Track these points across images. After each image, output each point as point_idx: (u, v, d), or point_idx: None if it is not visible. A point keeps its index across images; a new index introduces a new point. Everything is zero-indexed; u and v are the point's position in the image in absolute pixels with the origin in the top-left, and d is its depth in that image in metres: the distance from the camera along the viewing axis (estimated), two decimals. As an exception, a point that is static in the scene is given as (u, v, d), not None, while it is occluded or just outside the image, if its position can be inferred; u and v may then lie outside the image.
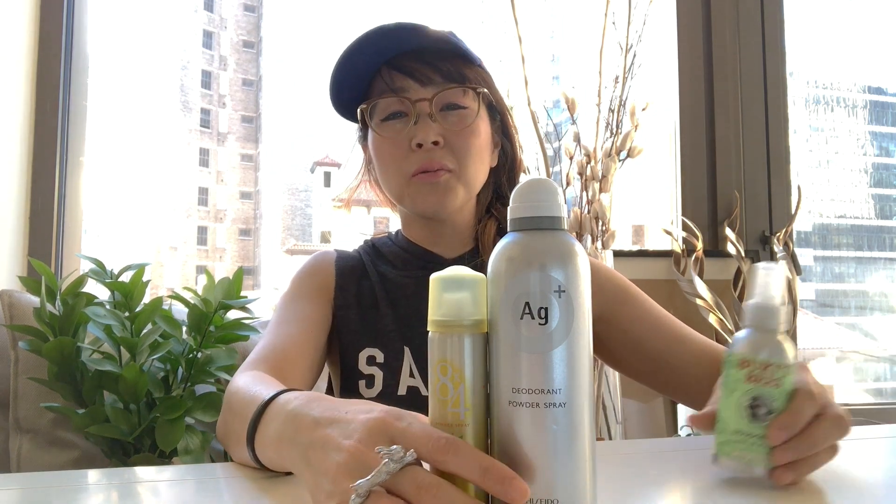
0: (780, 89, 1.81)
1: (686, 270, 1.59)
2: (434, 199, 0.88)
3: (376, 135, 0.91)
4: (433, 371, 0.45)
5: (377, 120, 0.90)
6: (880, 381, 2.16)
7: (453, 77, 0.88)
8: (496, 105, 0.95)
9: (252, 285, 6.43)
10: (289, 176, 6.90)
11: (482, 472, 0.40)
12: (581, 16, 1.82)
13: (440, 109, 0.88)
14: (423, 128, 0.86)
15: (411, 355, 0.87)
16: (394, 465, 0.40)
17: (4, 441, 1.12)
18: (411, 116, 0.88)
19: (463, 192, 0.90)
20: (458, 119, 0.89)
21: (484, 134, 0.91)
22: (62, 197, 1.65)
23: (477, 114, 0.89)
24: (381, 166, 0.92)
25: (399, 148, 0.88)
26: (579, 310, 0.43)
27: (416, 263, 0.95)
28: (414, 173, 0.88)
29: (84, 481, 0.61)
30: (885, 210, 2.17)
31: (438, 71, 0.88)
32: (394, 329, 0.90)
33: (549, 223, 0.45)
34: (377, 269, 0.96)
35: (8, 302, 1.13)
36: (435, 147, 0.87)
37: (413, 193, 0.89)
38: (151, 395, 1.03)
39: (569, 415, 0.42)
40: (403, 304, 0.92)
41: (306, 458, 0.48)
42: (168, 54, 6.40)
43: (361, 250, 1.00)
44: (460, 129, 0.88)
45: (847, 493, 0.55)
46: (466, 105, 0.89)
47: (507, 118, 0.98)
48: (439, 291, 0.46)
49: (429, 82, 0.88)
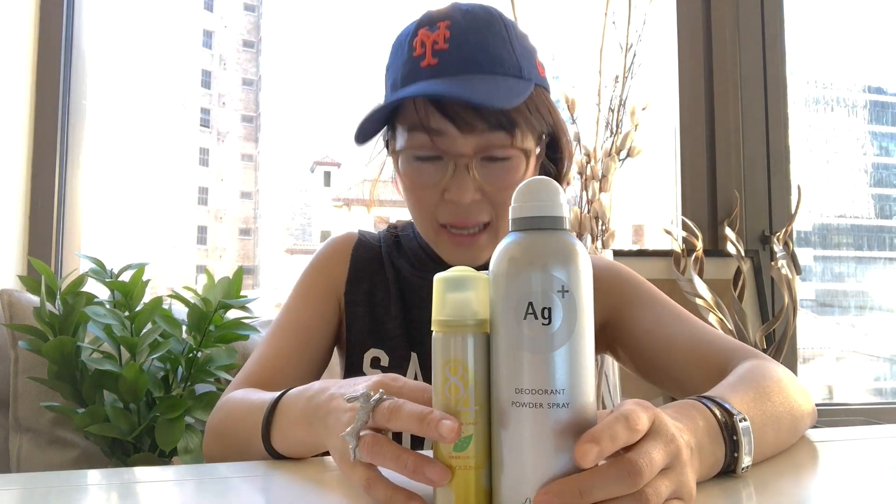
0: (780, 89, 1.81)
1: (686, 270, 1.59)
2: (467, 256, 0.81)
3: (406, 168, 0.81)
4: (440, 371, 0.45)
5: (409, 156, 0.80)
6: (880, 381, 2.16)
7: (501, 125, 0.75)
8: (548, 129, 0.82)
9: (252, 285, 6.42)
10: (289, 176, 6.89)
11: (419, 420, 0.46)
12: (581, 15, 1.82)
13: (481, 159, 0.77)
14: (458, 184, 0.77)
15: (418, 362, 0.85)
16: (367, 406, 0.48)
17: (4, 441, 1.12)
18: (448, 165, 0.77)
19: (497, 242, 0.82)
20: (501, 172, 0.78)
21: (529, 173, 0.81)
22: (62, 197, 1.65)
23: (522, 160, 0.79)
24: (410, 203, 0.84)
25: (430, 195, 0.79)
26: (582, 310, 0.43)
27: (434, 267, 0.91)
28: (445, 224, 0.81)
29: (84, 481, 0.61)
30: (885, 210, 2.17)
31: (484, 120, 0.75)
32: (401, 333, 0.87)
33: (550, 223, 0.45)
34: (394, 264, 0.91)
35: (8, 301, 1.13)
36: (471, 203, 0.78)
37: (443, 245, 0.83)
38: (151, 395, 1.03)
39: (572, 415, 0.42)
40: (416, 308, 0.88)
41: (327, 426, 0.54)
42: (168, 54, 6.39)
43: (383, 239, 0.94)
44: (502, 186, 0.77)
45: (847, 493, 0.55)
46: (511, 155, 0.77)
47: (561, 138, 0.85)
48: (443, 291, 0.46)
49: (470, 131, 0.75)
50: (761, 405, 0.61)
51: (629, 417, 0.42)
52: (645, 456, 0.42)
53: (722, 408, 0.55)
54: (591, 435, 0.41)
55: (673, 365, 0.83)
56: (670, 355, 0.83)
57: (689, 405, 0.54)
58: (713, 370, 0.77)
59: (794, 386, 0.69)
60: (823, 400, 1.98)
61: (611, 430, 0.41)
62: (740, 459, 0.54)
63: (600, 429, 0.41)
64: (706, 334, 0.83)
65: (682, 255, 1.62)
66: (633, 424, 0.42)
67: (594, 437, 0.41)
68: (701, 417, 0.53)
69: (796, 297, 1.57)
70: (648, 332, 0.85)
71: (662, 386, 0.87)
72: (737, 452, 0.54)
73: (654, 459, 0.42)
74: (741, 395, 0.60)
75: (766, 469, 0.59)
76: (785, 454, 0.65)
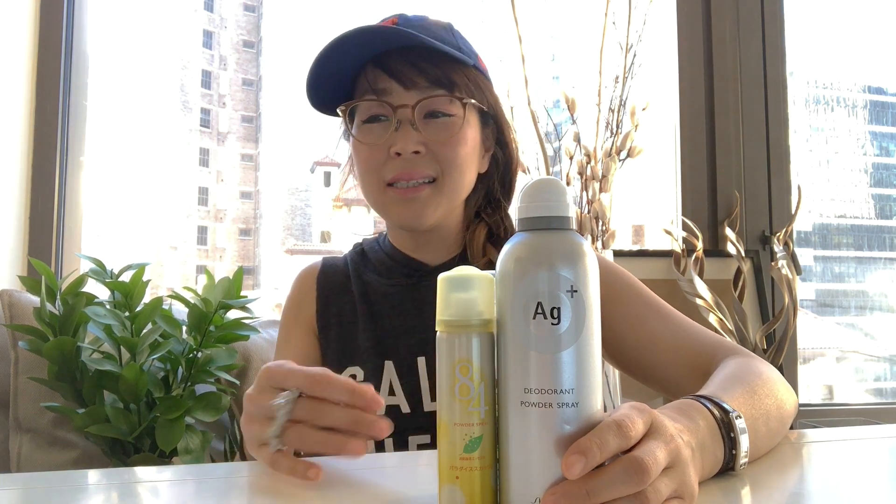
0: (780, 89, 1.81)
1: (686, 270, 1.59)
2: (411, 212, 0.84)
3: (354, 139, 0.86)
4: (449, 372, 0.45)
5: (358, 121, 0.86)
6: (880, 381, 2.16)
7: (440, 82, 0.82)
8: (489, 110, 0.89)
9: (252, 285, 6.40)
10: (289, 176, 6.88)
11: (350, 394, 0.54)
12: (581, 15, 1.82)
13: (423, 116, 0.83)
14: (403, 136, 0.82)
15: (394, 368, 0.84)
16: (287, 405, 0.55)
17: (4, 441, 1.12)
18: (392, 122, 0.83)
19: (445, 202, 0.86)
20: (442, 128, 0.83)
21: (471, 141, 0.86)
22: (62, 197, 1.65)
23: (463, 121, 0.84)
24: (359, 171, 0.88)
25: (377, 154, 0.84)
26: (590, 309, 0.43)
27: (401, 271, 0.91)
28: (390, 181, 0.84)
29: (84, 481, 0.61)
30: (885, 210, 2.17)
31: (424, 74, 0.82)
32: (372, 346, 0.87)
33: (558, 223, 0.45)
34: (361, 278, 0.93)
35: (8, 302, 1.13)
36: (415, 156, 0.82)
37: (389, 204, 0.86)
38: (151, 395, 1.03)
39: (580, 414, 0.42)
40: (387, 316, 0.89)
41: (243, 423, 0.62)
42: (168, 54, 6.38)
43: (349, 257, 0.98)
44: (444, 139, 0.83)
45: (847, 493, 0.55)
46: (452, 113, 0.84)
47: (502, 122, 0.93)
48: (447, 291, 0.46)
49: (413, 86, 0.82)
50: (752, 402, 0.62)
51: (621, 425, 0.42)
52: (650, 455, 0.42)
53: (719, 406, 0.55)
54: (579, 446, 0.41)
55: (657, 362, 0.83)
56: (654, 352, 0.83)
57: (688, 405, 0.54)
58: (697, 367, 0.78)
59: (779, 381, 0.70)
60: (823, 400, 1.98)
61: (600, 439, 0.41)
62: (738, 456, 0.54)
63: (589, 439, 0.41)
64: (690, 331, 0.83)
65: (683, 256, 1.62)
66: (626, 431, 0.42)
67: (581, 448, 0.40)
68: (701, 417, 0.53)
69: (796, 297, 1.57)
70: (632, 329, 0.85)
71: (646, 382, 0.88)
72: (735, 450, 0.54)
73: (658, 458, 0.42)
74: (732, 393, 0.61)
75: (767, 469, 0.59)
76: (785, 454, 0.65)
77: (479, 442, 0.44)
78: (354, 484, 0.57)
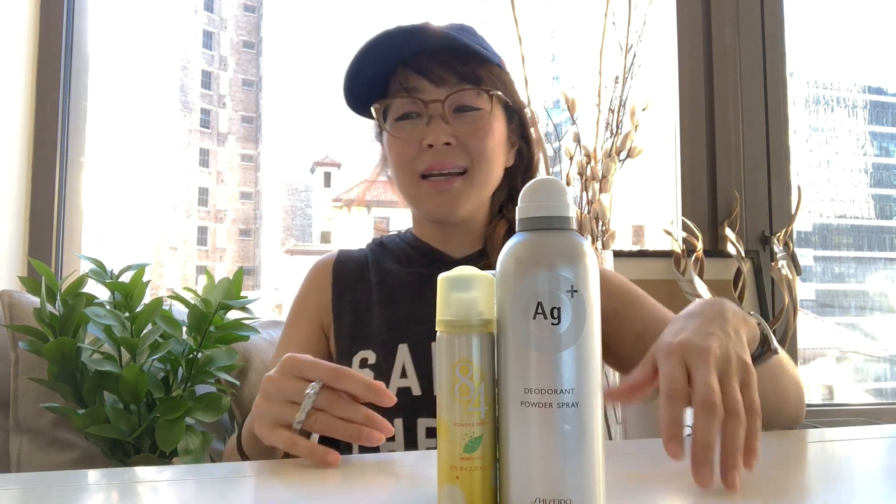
0: (780, 89, 1.81)
1: (686, 270, 1.59)
2: (445, 204, 0.89)
3: (389, 134, 0.91)
4: (449, 372, 0.45)
5: (391, 119, 0.91)
6: (880, 381, 2.16)
7: (468, 78, 0.88)
8: (513, 105, 0.94)
9: (252, 285, 6.42)
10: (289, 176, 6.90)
11: (366, 388, 0.60)
12: (581, 16, 1.82)
13: (453, 111, 0.88)
14: (434, 128, 0.87)
15: (408, 351, 0.86)
16: (314, 395, 0.61)
17: (4, 441, 1.12)
18: (424, 117, 0.88)
19: (475, 194, 0.90)
20: (472, 120, 0.89)
21: (498, 134, 0.91)
22: (62, 197, 1.65)
23: (490, 114, 0.89)
24: (393, 165, 0.92)
25: (410, 148, 0.89)
26: (590, 309, 0.43)
27: (423, 261, 0.95)
28: (424, 173, 0.88)
29: (84, 481, 0.61)
30: (885, 210, 2.16)
31: (453, 71, 0.88)
32: (386, 329, 0.89)
33: (558, 223, 0.45)
34: (381, 267, 0.96)
35: (8, 302, 1.13)
36: (446, 147, 0.87)
37: (423, 196, 0.90)
38: (151, 396, 1.03)
39: (581, 414, 0.42)
40: (403, 301, 0.92)
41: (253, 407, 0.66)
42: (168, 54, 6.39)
43: (368, 248, 1.01)
44: (474, 131, 0.88)
45: (847, 493, 0.55)
46: (480, 106, 0.89)
47: (525, 118, 0.98)
48: (447, 291, 0.46)
49: (442, 83, 0.88)
50: None
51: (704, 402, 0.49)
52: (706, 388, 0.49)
53: None
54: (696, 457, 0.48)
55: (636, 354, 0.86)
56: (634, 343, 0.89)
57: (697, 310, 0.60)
58: None
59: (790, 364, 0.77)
60: (823, 400, 1.98)
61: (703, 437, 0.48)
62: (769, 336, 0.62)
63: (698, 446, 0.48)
64: None
65: (683, 256, 1.62)
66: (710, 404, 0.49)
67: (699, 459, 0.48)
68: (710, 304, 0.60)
69: (796, 297, 1.57)
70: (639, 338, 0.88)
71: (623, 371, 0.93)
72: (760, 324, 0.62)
73: (712, 383, 0.49)
74: None
75: (767, 468, 0.59)
76: (786, 454, 0.65)
77: (479, 442, 0.44)
78: (354, 483, 0.57)
